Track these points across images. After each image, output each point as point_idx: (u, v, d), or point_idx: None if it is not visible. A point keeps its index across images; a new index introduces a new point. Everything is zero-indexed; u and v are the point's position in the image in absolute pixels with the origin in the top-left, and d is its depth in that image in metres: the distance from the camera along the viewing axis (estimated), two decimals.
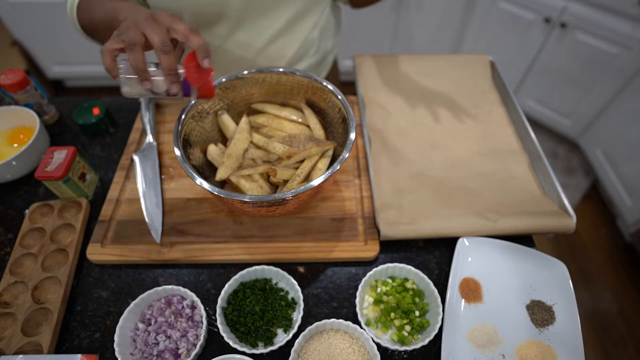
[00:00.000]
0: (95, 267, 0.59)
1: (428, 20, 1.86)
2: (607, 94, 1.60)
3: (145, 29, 0.43)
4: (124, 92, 0.47)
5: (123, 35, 0.44)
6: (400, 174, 0.65)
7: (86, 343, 0.52)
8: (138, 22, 0.44)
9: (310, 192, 0.49)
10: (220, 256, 0.58)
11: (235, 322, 0.51)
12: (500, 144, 0.70)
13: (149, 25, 0.44)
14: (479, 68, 0.83)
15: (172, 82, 0.46)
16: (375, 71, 0.82)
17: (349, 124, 0.54)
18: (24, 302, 0.53)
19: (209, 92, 0.49)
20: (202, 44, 0.44)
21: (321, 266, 0.59)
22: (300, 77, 0.60)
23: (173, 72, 0.45)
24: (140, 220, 0.61)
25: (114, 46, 0.44)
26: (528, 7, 1.60)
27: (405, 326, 0.51)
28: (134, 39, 0.43)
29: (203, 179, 0.48)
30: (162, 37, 0.43)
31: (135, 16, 0.45)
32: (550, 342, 0.50)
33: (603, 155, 1.70)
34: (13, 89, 0.71)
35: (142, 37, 0.43)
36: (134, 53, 0.43)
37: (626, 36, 1.42)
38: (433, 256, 0.60)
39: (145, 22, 0.44)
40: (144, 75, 0.45)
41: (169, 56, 0.44)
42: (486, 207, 0.60)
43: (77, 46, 1.86)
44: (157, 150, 0.70)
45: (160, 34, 0.43)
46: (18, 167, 0.66)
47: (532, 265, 0.56)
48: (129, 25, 0.44)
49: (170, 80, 0.46)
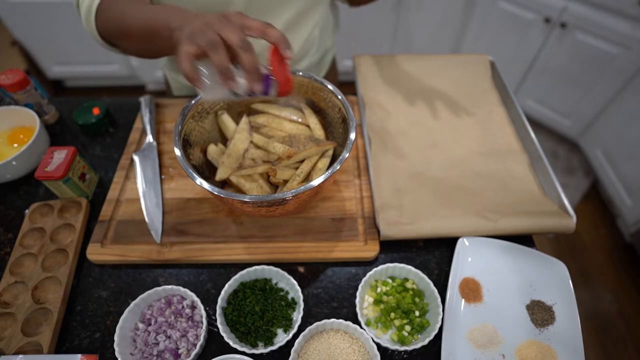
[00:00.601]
0: (95, 267, 0.59)
1: (428, 20, 1.86)
2: (607, 94, 1.60)
3: (220, 29, 0.41)
4: (205, 97, 0.46)
5: (198, 39, 0.41)
6: (400, 174, 0.65)
7: (86, 343, 0.52)
8: (211, 23, 0.42)
9: (310, 192, 0.49)
10: (220, 256, 0.58)
11: (235, 322, 0.51)
12: (500, 144, 0.70)
13: (223, 24, 0.42)
14: (479, 68, 0.83)
15: (255, 80, 0.44)
16: (375, 71, 0.82)
17: (349, 124, 0.54)
18: (24, 302, 0.53)
19: (289, 86, 0.47)
20: (281, 35, 0.43)
21: (321, 266, 0.59)
22: (300, 77, 0.60)
23: (256, 70, 0.43)
24: (140, 220, 0.61)
25: (191, 49, 0.42)
26: (528, 7, 1.60)
27: (405, 326, 0.51)
28: (213, 40, 0.41)
29: (203, 179, 0.48)
30: (240, 34, 0.42)
31: (203, 18, 0.43)
32: (550, 342, 0.50)
33: (603, 155, 1.70)
34: (13, 89, 0.71)
35: (220, 38, 0.41)
36: (218, 54, 0.41)
37: (626, 36, 1.43)
38: (433, 256, 0.60)
39: (218, 22, 0.42)
40: (229, 75, 0.43)
41: (249, 53, 0.42)
42: (486, 207, 0.60)
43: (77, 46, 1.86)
44: (157, 150, 0.70)
45: (236, 32, 0.41)
46: (18, 167, 0.66)
47: (532, 265, 0.56)
48: (201, 28, 0.42)
49: (252, 79, 0.44)
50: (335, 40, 0.86)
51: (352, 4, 0.76)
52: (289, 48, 0.44)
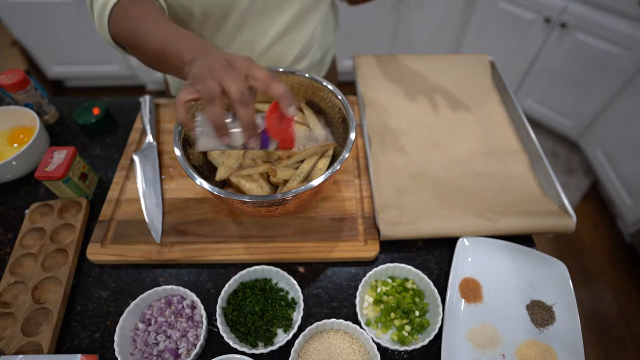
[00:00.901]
0: (95, 267, 0.59)
1: (428, 20, 1.86)
2: (607, 94, 1.60)
3: (222, 78, 0.39)
4: (199, 147, 0.45)
5: (198, 84, 0.40)
6: (400, 174, 0.65)
7: (86, 343, 0.52)
8: (214, 69, 0.40)
9: (310, 192, 0.49)
10: (220, 256, 0.58)
11: (235, 322, 0.51)
12: (500, 144, 0.70)
13: (226, 73, 0.39)
14: (479, 68, 0.83)
15: (251, 136, 0.42)
16: (375, 71, 0.82)
17: (349, 124, 0.54)
18: (24, 302, 0.53)
19: (289, 142, 0.45)
20: (285, 92, 0.41)
21: (321, 266, 0.59)
22: (300, 77, 0.60)
23: (252, 126, 0.41)
24: (140, 220, 0.61)
25: (190, 96, 0.40)
26: (528, 7, 1.60)
27: (405, 326, 0.51)
28: (212, 91, 0.39)
29: (203, 179, 0.48)
30: (241, 86, 0.39)
31: (208, 62, 0.41)
32: (550, 342, 0.50)
33: (603, 155, 1.70)
34: (13, 89, 0.71)
35: (220, 88, 0.39)
36: (213, 108, 0.39)
37: (626, 36, 1.42)
38: (433, 256, 0.60)
39: (222, 69, 0.40)
40: (223, 130, 0.41)
41: (247, 109, 0.40)
42: (486, 207, 0.60)
43: (77, 46, 1.86)
44: (157, 150, 0.70)
45: (238, 83, 0.39)
46: (18, 167, 0.66)
47: (532, 265, 0.56)
48: (204, 74, 0.40)
49: (248, 135, 0.42)
50: (335, 39, 0.86)
51: (352, 2, 0.76)
52: (292, 105, 0.41)
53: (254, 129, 0.42)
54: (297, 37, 0.72)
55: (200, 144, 0.45)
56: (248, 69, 0.41)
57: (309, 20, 0.72)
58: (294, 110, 0.42)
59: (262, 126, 0.43)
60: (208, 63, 0.41)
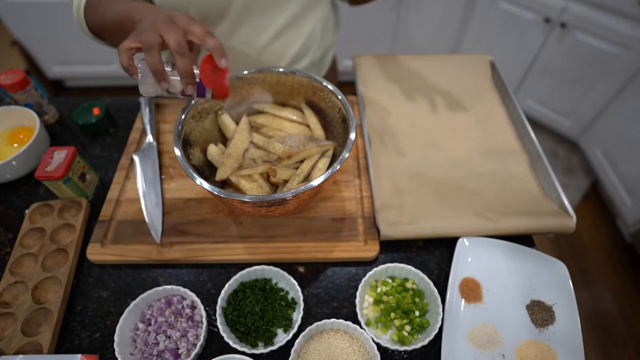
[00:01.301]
0: (95, 267, 0.59)
1: (428, 20, 1.86)
2: (607, 94, 1.60)
3: (162, 31, 0.44)
4: (141, 91, 0.48)
5: (141, 35, 0.45)
6: (400, 174, 0.65)
7: (86, 343, 0.52)
8: (156, 23, 0.45)
9: (310, 192, 0.49)
10: (220, 256, 0.58)
11: (235, 322, 0.51)
12: (500, 144, 0.70)
13: (167, 27, 0.44)
14: (479, 68, 0.83)
15: (188, 83, 0.47)
16: (375, 71, 0.82)
17: (349, 124, 0.54)
18: (24, 302, 0.53)
19: (223, 93, 0.50)
20: (217, 45, 0.45)
21: (321, 266, 0.59)
22: (300, 77, 0.60)
23: (189, 74, 0.46)
24: (140, 220, 0.61)
25: (131, 45, 0.45)
26: (528, 7, 1.60)
27: (405, 326, 0.51)
28: (151, 40, 0.44)
29: (203, 179, 0.48)
30: (179, 39, 0.44)
31: (153, 17, 0.46)
32: (550, 342, 0.50)
33: (603, 155, 1.70)
34: (13, 89, 0.71)
35: (159, 39, 0.44)
36: (152, 54, 0.44)
37: (626, 36, 1.42)
38: (433, 256, 0.60)
39: (163, 24, 0.45)
40: (161, 76, 0.46)
41: (184, 58, 0.44)
42: (486, 207, 0.60)
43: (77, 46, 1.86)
44: (157, 150, 0.70)
45: (176, 36, 0.44)
46: (18, 167, 0.66)
47: (532, 265, 0.56)
48: (147, 26, 0.45)
49: (185, 82, 0.47)
50: (335, 39, 0.86)
51: (353, 3, 0.76)
52: (225, 57, 0.46)
53: (191, 77, 0.46)
54: (296, 36, 0.72)
55: (142, 89, 0.48)
56: (187, 25, 0.45)
57: (308, 20, 0.72)
58: (225, 62, 0.46)
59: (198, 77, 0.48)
60: (152, 19, 0.46)
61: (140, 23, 0.47)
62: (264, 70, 0.60)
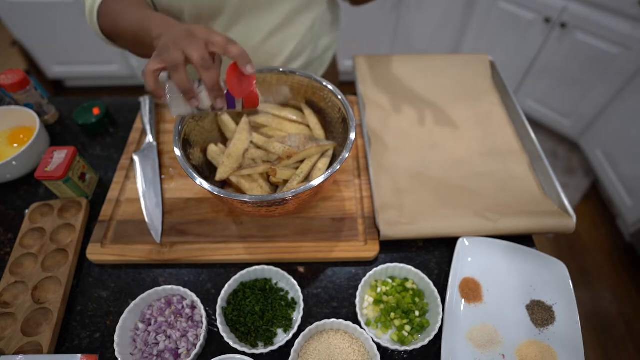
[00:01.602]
0: (95, 267, 0.59)
1: (428, 20, 1.86)
2: (607, 94, 1.60)
3: (184, 47, 0.43)
4: (173, 113, 0.48)
5: (163, 55, 0.44)
6: (400, 174, 0.65)
7: (86, 343, 0.52)
8: (176, 40, 0.44)
9: (310, 192, 0.49)
10: (220, 256, 0.58)
11: (235, 322, 0.51)
12: (500, 144, 0.70)
13: (187, 41, 0.43)
14: (479, 68, 0.83)
15: (217, 97, 0.46)
16: (376, 71, 0.82)
17: (349, 124, 0.54)
18: (24, 302, 0.53)
19: (253, 101, 0.48)
20: (241, 52, 0.44)
21: (321, 266, 0.59)
22: (300, 77, 0.60)
23: (216, 87, 0.45)
24: (140, 220, 0.61)
25: (157, 67, 0.44)
26: (528, 7, 1.60)
27: (405, 326, 0.51)
28: (175, 59, 0.43)
29: (203, 179, 0.48)
30: (201, 52, 0.43)
31: (172, 33, 0.45)
32: (550, 342, 0.50)
33: (603, 155, 1.70)
34: (13, 89, 0.71)
35: (182, 56, 0.43)
36: (178, 73, 0.43)
37: (626, 36, 1.42)
38: (433, 256, 0.60)
39: (183, 39, 0.44)
40: (191, 94, 0.45)
41: (210, 72, 0.44)
42: (486, 207, 0.60)
43: (77, 46, 1.86)
44: (157, 150, 0.70)
45: (199, 50, 0.43)
46: (18, 167, 0.66)
47: (532, 265, 0.56)
48: (168, 45, 0.44)
49: (214, 96, 0.46)
50: (335, 38, 0.86)
51: (354, 3, 0.76)
52: (249, 64, 0.44)
53: (219, 90, 0.46)
54: (292, 34, 0.72)
55: (173, 110, 0.48)
56: (207, 36, 0.44)
57: (304, 18, 0.72)
58: (251, 68, 0.44)
59: (226, 88, 0.47)
60: (171, 35, 0.45)
61: (159, 40, 0.46)
62: (264, 70, 0.60)
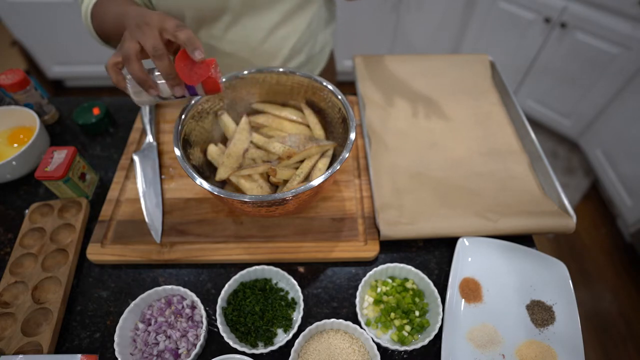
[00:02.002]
0: (95, 267, 0.59)
1: (428, 20, 1.86)
2: (607, 94, 1.60)
3: (138, 37, 0.44)
4: (136, 102, 0.49)
5: (120, 49, 0.45)
6: (400, 174, 0.65)
7: (86, 343, 0.52)
8: (132, 30, 0.44)
9: (310, 192, 0.49)
10: (220, 256, 0.58)
11: (235, 322, 0.51)
12: (500, 144, 0.70)
13: (140, 31, 0.44)
14: (479, 68, 0.83)
15: (173, 85, 0.46)
16: (375, 71, 0.82)
17: (349, 124, 0.54)
18: (24, 302, 0.53)
19: (214, 86, 0.47)
20: (188, 38, 0.43)
21: (321, 266, 0.59)
22: (300, 77, 0.60)
23: (171, 76, 0.45)
24: (140, 220, 0.61)
25: (115, 60, 0.45)
26: (528, 7, 1.60)
27: (405, 326, 0.51)
28: (127, 51, 0.43)
29: (203, 179, 0.48)
30: (153, 41, 0.43)
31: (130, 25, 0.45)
32: (550, 342, 0.50)
33: (603, 155, 1.70)
34: (13, 89, 0.71)
35: (136, 46, 0.44)
36: (131, 65, 0.44)
37: (626, 36, 1.42)
38: (433, 256, 0.60)
39: (136, 29, 0.44)
40: (146, 84, 0.45)
41: (162, 61, 0.43)
42: (486, 207, 0.60)
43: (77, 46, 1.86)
44: (157, 150, 0.70)
45: (151, 39, 0.43)
46: (18, 167, 0.66)
47: (532, 265, 0.56)
48: (125, 37, 0.45)
49: (171, 84, 0.46)
50: (331, 34, 0.86)
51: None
52: (197, 49, 0.43)
53: (175, 79, 0.45)
54: (291, 32, 0.72)
55: (136, 100, 0.49)
56: (160, 24, 0.44)
57: (302, 15, 0.72)
58: (200, 54, 0.43)
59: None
60: (129, 27, 0.45)
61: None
62: (264, 70, 0.60)
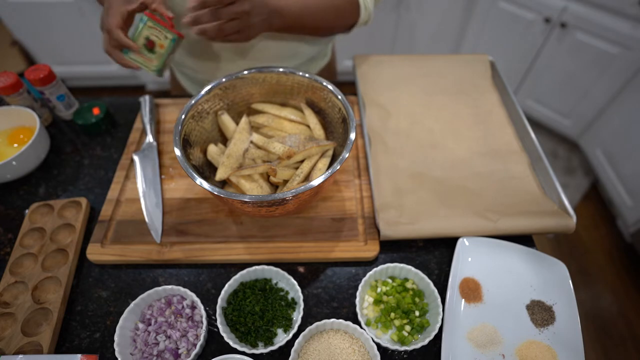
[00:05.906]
0: (95, 267, 0.59)
1: (428, 20, 1.86)
2: (607, 94, 1.60)
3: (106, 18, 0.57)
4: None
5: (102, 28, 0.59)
6: (400, 174, 0.65)
7: (86, 343, 0.52)
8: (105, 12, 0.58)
9: (310, 192, 0.49)
10: (220, 256, 0.58)
11: (235, 322, 0.51)
12: (500, 144, 0.70)
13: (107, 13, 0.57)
14: (479, 68, 0.83)
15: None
16: (375, 71, 0.82)
17: (349, 124, 0.54)
18: (24, 302, 0.53)
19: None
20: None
21: (321, 266, 0.59)
22: (300, 77, 0.60)
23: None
24: (140, 220, 0.61)
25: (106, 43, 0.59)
26: (528, 7, 1.60)
27: (405, 326, 0.51)
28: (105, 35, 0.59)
29: (203, 179, 0.48)
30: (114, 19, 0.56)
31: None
32: (550, 342, 0.50)
33: (603, 155, 1.70)
34: (5, 92, 0.70)
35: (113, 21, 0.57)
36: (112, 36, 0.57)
37: (626, 36, 1.43)
38: (433, 256, 0.60)
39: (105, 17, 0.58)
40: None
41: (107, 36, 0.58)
42: (486, 207, 0.60)
43: (77, 46, 1.86)
44: (157, 150, 0.70)
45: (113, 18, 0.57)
46: (18, 167, 0.66)
47: (532, 265, 0.56)
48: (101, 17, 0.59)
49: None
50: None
51: None
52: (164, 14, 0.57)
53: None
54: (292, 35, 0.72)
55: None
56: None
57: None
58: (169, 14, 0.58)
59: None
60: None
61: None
62: (264, 70, 0.60)
